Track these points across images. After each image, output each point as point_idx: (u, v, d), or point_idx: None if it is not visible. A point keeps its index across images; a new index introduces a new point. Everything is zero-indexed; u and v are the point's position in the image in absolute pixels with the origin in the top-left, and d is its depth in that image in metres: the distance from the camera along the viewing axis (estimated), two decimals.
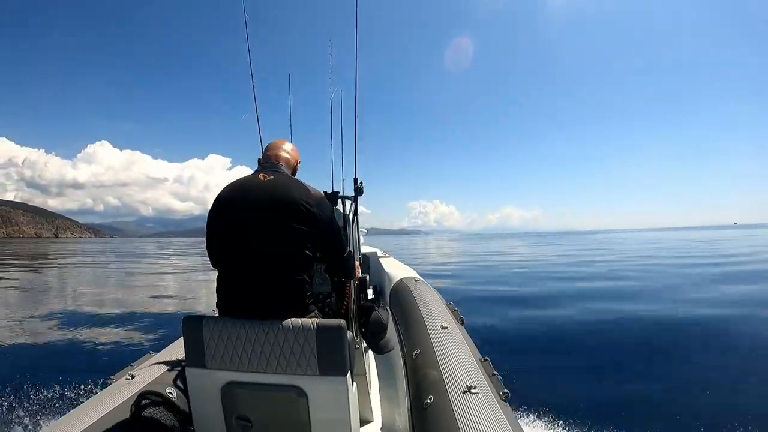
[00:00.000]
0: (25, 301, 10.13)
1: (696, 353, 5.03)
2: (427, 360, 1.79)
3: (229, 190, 1.51)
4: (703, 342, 5.46)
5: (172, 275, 16.88)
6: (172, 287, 12.93)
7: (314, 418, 1.38)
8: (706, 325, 6.22)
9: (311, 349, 1.33)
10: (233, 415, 1.41)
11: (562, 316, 7.18)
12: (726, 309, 7.26)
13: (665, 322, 6.48)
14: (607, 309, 7.66)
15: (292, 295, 1.43)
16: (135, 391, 1.60)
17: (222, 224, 1.48)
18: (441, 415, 1.36)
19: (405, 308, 2.70)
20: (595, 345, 5.51)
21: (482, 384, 1.50)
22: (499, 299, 9.08)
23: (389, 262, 4.72)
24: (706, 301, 8.12)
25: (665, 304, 7.88)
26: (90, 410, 1.49)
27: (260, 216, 1.41)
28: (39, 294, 11.51)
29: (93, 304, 9.40)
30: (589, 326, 6.41)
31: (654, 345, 5.38)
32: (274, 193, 1.44)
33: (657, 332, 5.94)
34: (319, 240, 1.50)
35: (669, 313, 7.09)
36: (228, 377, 1.40)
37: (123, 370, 1.88)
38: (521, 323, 6.83)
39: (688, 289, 9.71)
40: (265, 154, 1.67)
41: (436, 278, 12.13)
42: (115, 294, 11.38)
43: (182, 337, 1.47)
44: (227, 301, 1.48)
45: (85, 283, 14.36)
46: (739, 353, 4.98)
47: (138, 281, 14.62)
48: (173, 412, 1.58)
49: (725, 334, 5.79)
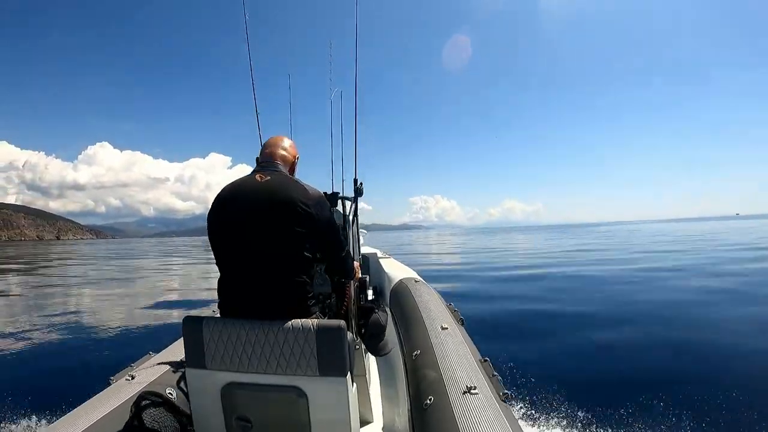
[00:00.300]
0: (24, 302, 10.13)
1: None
2: (427, 360, 1.79)
3: (227, 191, 1.51)
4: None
5: (172, 275, 16.89)
6: (172, 287, 12.93)
7: (314, 418, 1.38)
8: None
9: (311, 350, 1.33)
10: (233, 415, 1.41)
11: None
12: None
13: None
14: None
15: (293, 296, 1.43)
16: (135, 392, 1.60)
17: (221, 225, 1.48)
18: (441, 415, 1.36)
19: (405, 309, 2.70)
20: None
21: (482, 384, 1.50)
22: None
23: (389, 263, 4.72)
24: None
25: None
26: (90, 411, 1.49)
27: (258, 217, 1.41)
28: (39, 294, 11.52)
29: (93, 305, 9.41)
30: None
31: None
32: (271, 194, 1.43)
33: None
34: (318, 240, 1.50)
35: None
36: (228, 378, 1.40)
37: (123, 371, 1.88)
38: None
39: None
40: (262, 153, 1.66)
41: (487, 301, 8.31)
42: (115, 294, 11.38)
43: (182, 338, 1.47)
44: (228, 301, 1.48)
45: (84, 283, 14.37)
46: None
47: (138, 282, 14.61)
48: (173, 412, 1.58)
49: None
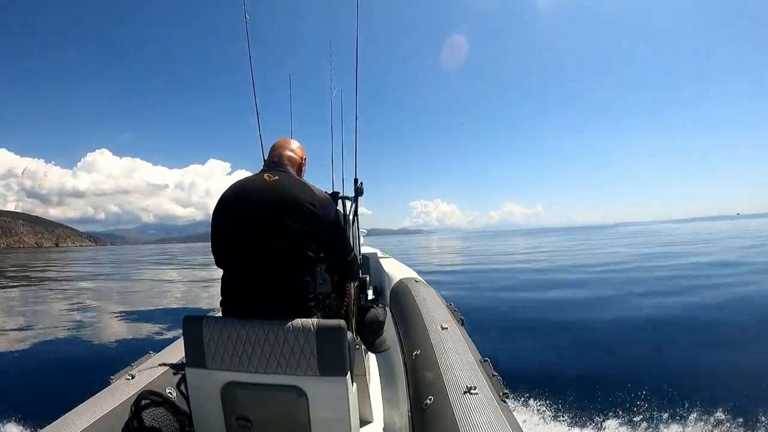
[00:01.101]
0: (24, 302, 10.14)
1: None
2: (427, 360, 1.79)
3: (233, 190, 1.50)
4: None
5: (172, 277, 16.89)
6: (173, 288, 12.94)
7: (314, 418, 1.38)
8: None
9: (311, 350, 1.33)
10: (233, 415, 1.41)
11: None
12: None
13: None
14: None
15: (296, 296, 1.43)
16: (135, 391, 1.60)
17: (226, 224, 1.48)
18: (441, 415, 1.36)
19: (405, 309, 2.70)
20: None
21: (482, 384, 1.50)
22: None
23: (389, 263, 4.73)
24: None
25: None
26: (90, 410, 1.49)
27: (265, 217, 1.41)
28: (38, 295, 11.52)
29: (93, 305, 9.41)
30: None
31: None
32: (278, 193, 1.43)
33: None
34: (323, 241, 1.50)
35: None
36: (228, 377, 1.40)
37: (123, 370, 1.88)
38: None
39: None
40: (270, 154, 1.66)
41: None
42: (115, 294, 11.38)
43: (182, 337, 1.47)
44: (231, 301, 1.48)
45: (85, 284, 14.37)
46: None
47: (138, 283, 14.62)
48: (173, 412, 1.58)
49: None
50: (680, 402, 3.34)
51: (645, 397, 3.41)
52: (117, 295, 11.23)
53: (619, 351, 5.09)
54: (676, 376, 4.05)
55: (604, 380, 3.86)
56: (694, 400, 3.35)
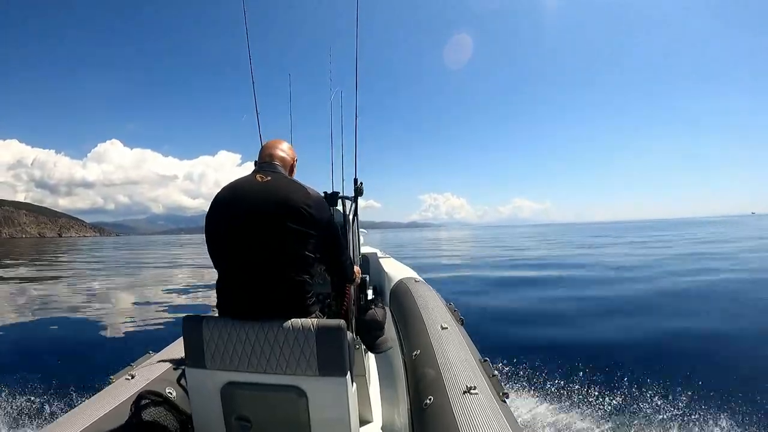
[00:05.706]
0: (23, 301, 10.14)
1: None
2: (427, 360, 1.79)
3: (226, 191, 1.50)
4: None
5: (172, 275, 16.88)
6: (173, 287, 12.93)
7: (314, 418, 1.38)
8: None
9: (311, 350, 1.33)
10: (233, 415, 1.41)
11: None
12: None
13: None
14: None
15: (293, 296, 1.43)
16: (135, 391, 1.60)
17: (220, 226, 1.47)
18: (441, 415, 1.36)
19: (405, 309, 2.70)
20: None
21: (482, 384, 1.50)
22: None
23: (389, 263, 4.73)
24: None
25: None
26: (90, 410, 1.49)
27: (258, 218, 1.40)
28: (38, 293, 11.52)
29: (92, 304, 9.40)
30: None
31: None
32: (272, 194, 1.43)
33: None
34: (317, 241, 1.49)
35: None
36: (228, 377, 1.40)
37: (123, 370, 1.88)
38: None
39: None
40: (261, 154, 1.65)
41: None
42: (115, 293, 11.38)
43: (182, 337, 1.47)
44: (227, 302, 1.47)
45: (85, 282, 14.36)
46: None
47: (138, 281, 14.62)
48: (173, 412, 1.59)
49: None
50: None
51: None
52: (117, 293, 11.24)
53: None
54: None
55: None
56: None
